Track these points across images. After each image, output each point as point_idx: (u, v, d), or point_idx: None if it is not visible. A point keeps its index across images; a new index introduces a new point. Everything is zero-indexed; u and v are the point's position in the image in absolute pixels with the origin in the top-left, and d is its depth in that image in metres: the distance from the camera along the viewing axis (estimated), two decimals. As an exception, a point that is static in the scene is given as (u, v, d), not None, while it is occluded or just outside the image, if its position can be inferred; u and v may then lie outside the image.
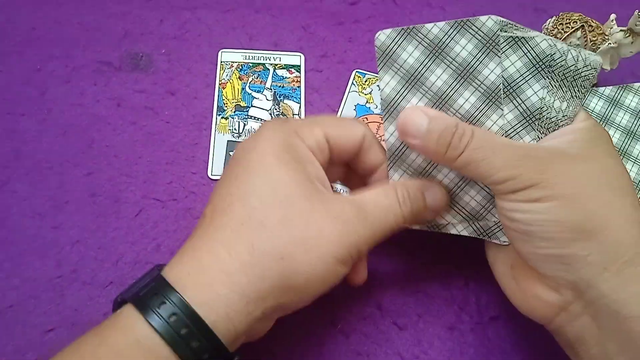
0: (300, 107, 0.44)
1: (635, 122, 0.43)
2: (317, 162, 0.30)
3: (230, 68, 0.45)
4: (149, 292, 0.26)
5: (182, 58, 0.46)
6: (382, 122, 0.32)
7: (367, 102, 0.45)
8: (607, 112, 0.44)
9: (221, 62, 0.46)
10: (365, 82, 0.46)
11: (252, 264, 0.26)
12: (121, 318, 0.25)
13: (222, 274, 0.26)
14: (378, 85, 0.32)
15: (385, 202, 0.30)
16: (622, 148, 0.42)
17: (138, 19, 0.47)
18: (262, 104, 0.44)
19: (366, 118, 0.45)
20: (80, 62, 0.45)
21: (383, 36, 0.31)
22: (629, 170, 0.41)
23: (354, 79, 0.46)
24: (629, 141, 0.42)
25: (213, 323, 0.25)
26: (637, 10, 0.39)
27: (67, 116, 0.42)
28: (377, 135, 0.38)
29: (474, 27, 0.31)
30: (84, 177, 0.40)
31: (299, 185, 0.28)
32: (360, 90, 0.46)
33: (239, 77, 0.45)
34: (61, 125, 0.42)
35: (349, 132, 0.32)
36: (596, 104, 0.44)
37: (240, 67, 0.46)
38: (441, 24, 0.31)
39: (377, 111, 0.45)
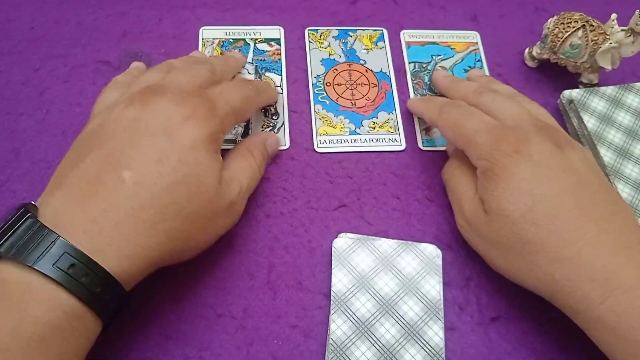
0: (282, 79, 0.45)
1: (637, 122, 0.43)
2: None
3: (212, 45, 0.46)
4: (29, 244, 0.26)
5: (182, 56, 0.46)
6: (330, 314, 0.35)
7: (329, 54, 0.47)
8: (608, 112, 0.43)
9: (203, 39, 0.46)
10: (320, 36, 0.48)
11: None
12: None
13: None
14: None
15: (246, 164, 0.36)
16: (623, 148, 0.42)
17: (137, 18, 0.47)
18: (245, 77, 0.45)
19: (336, 69, 0.46)
20: (79, 61, 0.45)
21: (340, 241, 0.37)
22: (630, 171, 0.41)
23: (308, 37, 0.47)
24: (630, 141, 0.42)
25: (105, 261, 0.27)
26: (638, 10, 0.39)
27: (66, 116, 0.42)
28: (352, 81, 0.45)
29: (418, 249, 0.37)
30: (83, 177, 0.40)
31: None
32: (319, 45, 0.47)
33: (221, 53, 0.46)
34: (60, 125, 0.42)
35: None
36: (597, 103, 0.44)
37: (222, 43, 0.46)
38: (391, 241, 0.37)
39: (342, 60, 0.47)
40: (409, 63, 0.47)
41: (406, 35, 0.49)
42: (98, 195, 0.28)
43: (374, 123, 0.44)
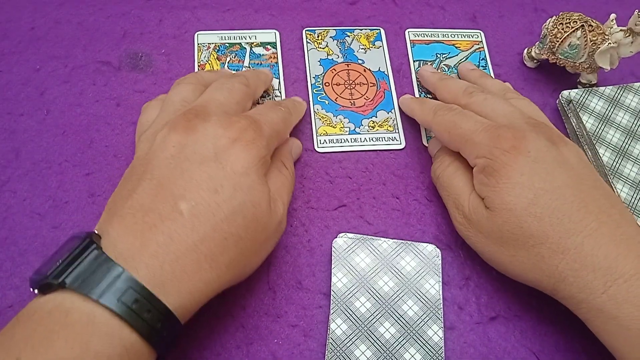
0: (279, 83, 0.45)
1: (636, 121, 0.43)
2: None
3: (207, 49, 0.46)
4: (93, 276, 0.26)
5: (182, 58, 0.46)
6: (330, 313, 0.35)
7: (327, 55, 0.47)
8: (607, 112, 0.44)
9: (198, 44, 0.46)
10: (318, 37, 0.48)
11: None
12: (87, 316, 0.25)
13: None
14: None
15: (282, 178, 0.35)
16: (622, 148, 0.42)
17: (137, 18, 0.47)
18: None
19: (334, 69, 0.46)
20: (79, 62, 0.45)
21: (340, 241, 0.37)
22: (629, 171, 0.41)
23: (306, 37, 0.48)
24: (629, 141, 0.42)
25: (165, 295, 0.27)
26: (637, 10, 0.39)
27: (66, 116, 0.42)
28: (350, 81, 0.46)
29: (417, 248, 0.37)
30: (83, 177, 0.40)
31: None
32: (317, 46, 0.47)
33: (217, 58, 0.46)
34: (60, 125, 0.42)
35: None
36: (596, 103, 0.44)
37: (217, 48, 0.46)
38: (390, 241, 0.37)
39: (340, 60, 0.47)
40: (414, 61, 0.47)
41: (411, 34, 0.49)
42: (157, 228, 0.27)
43: (374, 122, 0.44)
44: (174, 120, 0.32)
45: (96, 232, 0.28)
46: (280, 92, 0.45)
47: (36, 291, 0.26)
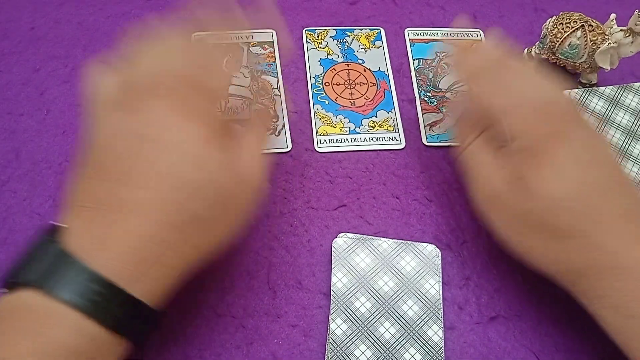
0: (278, 82, 0.45)
1: (636, 121, 0.43)
2: None
3: None
4: (54, 272, 0.26)
5: (182, 58, 0.46)
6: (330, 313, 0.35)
7: (327, 54, 0.47)
8: (607, 112, 0.44)
9: None
10: (318, 36, 0.48)
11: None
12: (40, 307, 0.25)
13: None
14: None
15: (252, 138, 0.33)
16: (622, 148, 0.42)
17: (137, 18, 0.47)
18: (241, 81, 0.45)
19: (334, 69, 0.46)
20: (79, 62, 0.45)
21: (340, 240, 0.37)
22: (629, 170, 0.41)
23: (306, 37, 0.47)
24: (629, 141, 0.42)
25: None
26: (637, 10, 0.39)
27: (66, 116, 0.42)
28: (350, 81, 0.46)
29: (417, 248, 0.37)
30: (83, 177, 0.40)
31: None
32: (317, 46, 0.47)
33: None
34: (61, 125, 0.42)
35: None
36: (596, 103, 0.44)
37: None
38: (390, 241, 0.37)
39: (340, 60, 0.47)
40: (413, 60, 0.48)
41: (410, 33, 0.49)
42: (113, 219, 0.27)
43: (374, 122, 0.44)
44: (122, 101, 0.29)
45: (58, 225, 0.28)
46: (279, 92, 0.45)
47: (5, 290, 0.26)
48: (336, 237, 0.37)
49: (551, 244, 0.32)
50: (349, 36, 0.48)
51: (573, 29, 0.43)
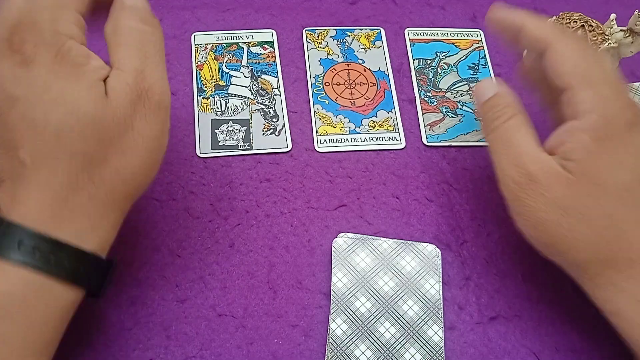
0: (278, 82, 0.45)
1: (635, 121, 0.43)
2: None
3: (204, 50, 0.46)
4: None
5: (181, 58, 0.46)
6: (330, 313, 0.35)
7: (327, 54, 0.47)
8: (607, 112, 0.43)
9: (195, 45, 0.46)
10: (318, 36, 0.48)
11: None
12: None
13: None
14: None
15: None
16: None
17: None
18: (241, 81, 0.45)
19: (334, 69, 0.46)
20: (79, 62, 0.45)
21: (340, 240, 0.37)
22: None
23: (306, 37, 0.48)
24: (629, 141, 0.42)
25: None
26: (637, 10, 0.39)
27: (66, 116, 0.42)
28: (350, 81, 0.46)
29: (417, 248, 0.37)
30: (83, 177, 0.40)
31: None
32: (317, 46, 0.47)
33: (215, 58, 0.46)
34: None
35: None
36: (596, 103, 0.44)
37: (215, 48, 0.46)
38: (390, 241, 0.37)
39: (340, 60, 0.47)
40: (413, 60, 0.48)
41: (410, 33, 0.49)
42: (20, 183, 0.27)
43: (374, 122, 0.44)
44: None
45: None
46: (279, 91, 0.45)
47: None
48: (336, 237, 0.37)
49: (587, 232, 0.30)
50: (349, 36, 0.48)
51: (573, 29, 0.43)
